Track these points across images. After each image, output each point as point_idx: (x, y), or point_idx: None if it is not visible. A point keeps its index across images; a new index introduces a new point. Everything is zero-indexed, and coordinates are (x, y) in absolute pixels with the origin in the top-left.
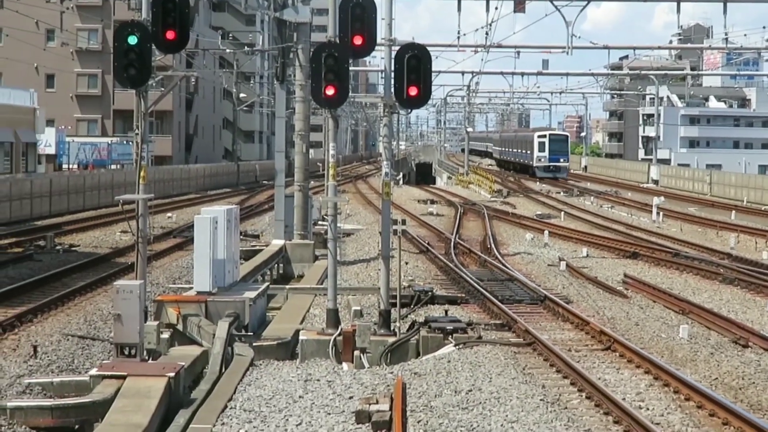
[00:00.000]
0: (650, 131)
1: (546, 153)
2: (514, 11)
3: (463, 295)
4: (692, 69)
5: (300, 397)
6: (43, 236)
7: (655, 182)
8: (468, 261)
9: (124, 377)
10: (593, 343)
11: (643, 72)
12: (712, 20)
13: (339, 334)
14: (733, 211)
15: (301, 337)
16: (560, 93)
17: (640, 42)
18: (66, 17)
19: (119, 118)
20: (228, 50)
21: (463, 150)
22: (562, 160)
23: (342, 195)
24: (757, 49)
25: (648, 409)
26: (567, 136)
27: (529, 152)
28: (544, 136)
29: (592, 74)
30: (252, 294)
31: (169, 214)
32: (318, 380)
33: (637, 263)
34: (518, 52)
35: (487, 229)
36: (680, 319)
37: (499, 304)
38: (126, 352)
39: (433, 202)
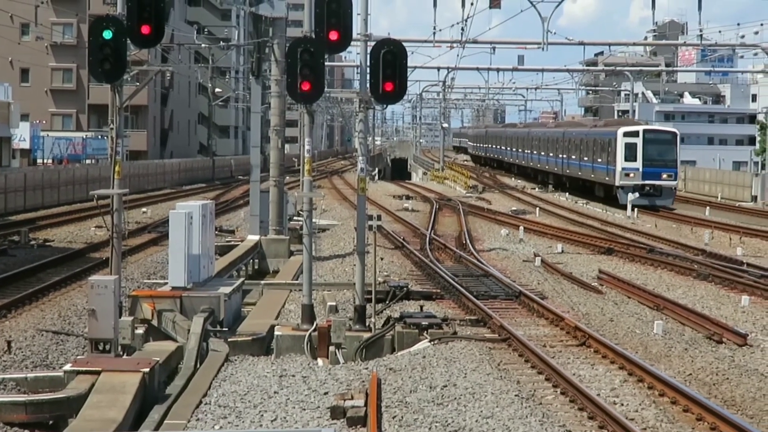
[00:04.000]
0: None
1: (638, 163)
2: (490, 7)
3: (439, 290)
4: (667, 65)
5: (275, 392)
6: (18, 231)
7: None
8: (443, 256)
9: (98, 373)
10: (568, 339)
11: (618, 68)
12: (687, 16)
13: (314, 330)
14: (708, 207)
15: (276, 333)
16: (535, 89)
17: (615, 38)
18: (41, 11)
19: (94, 113)
20: (203, 45)
21: (456, 147)
22: (665, 175)
23: (317, 190)
24: (732, 45)
25: (622, 404)
26: (675, 135)
27: (601, 161)
28: (635, 134)
29: (567, 70)
30: (227, 289)
31: (144, 209)
32: (293, 376)
33: (612, 259)
34: (494, 48)
35: (462, 224)
36: (655, 314)
37: (474, 299)
38: (100, 348)
39: (408, 197)
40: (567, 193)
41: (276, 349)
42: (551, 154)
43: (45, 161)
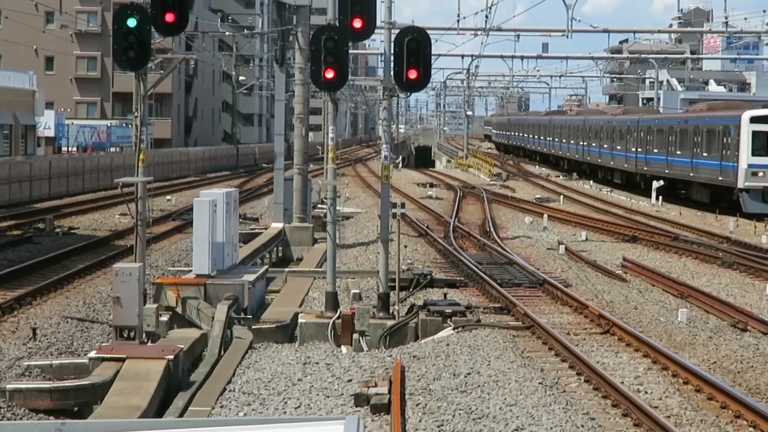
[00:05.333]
0: None
1: None
2: None
3: (462, 278)
4: (692, 53)
5: (299, 379)
6: (43, 219)
7: None
8: (467, 244)
9: (123, 360)
10: (592, 327)
11: (642, 56)
12: (712, 3)
13: (338, 317)
14: None
15: (300, 320)
16: (560, 77)
17: (640, 25)
18: (65, 0)
19: (118, 101)
20: (227, 33)
21: (487, 136)
22: None
23: (341, 178)
24: (757, 32)
25: (647, 392)
26: None
27: (710, 155)
28: (767, 119)
29: (592, 58)
30: (251, 277)
31: (168, 197)
32: (317, 363)
33: (636, 247)
34: (518, 36)
35: (486, 212)
36: (679, 302)
37: (498, 287)
38: (125, 335)
39: (432, 185)
40: (591, 181)
41: (300, 337)
42: (618, 148)
43: (69, 149)
